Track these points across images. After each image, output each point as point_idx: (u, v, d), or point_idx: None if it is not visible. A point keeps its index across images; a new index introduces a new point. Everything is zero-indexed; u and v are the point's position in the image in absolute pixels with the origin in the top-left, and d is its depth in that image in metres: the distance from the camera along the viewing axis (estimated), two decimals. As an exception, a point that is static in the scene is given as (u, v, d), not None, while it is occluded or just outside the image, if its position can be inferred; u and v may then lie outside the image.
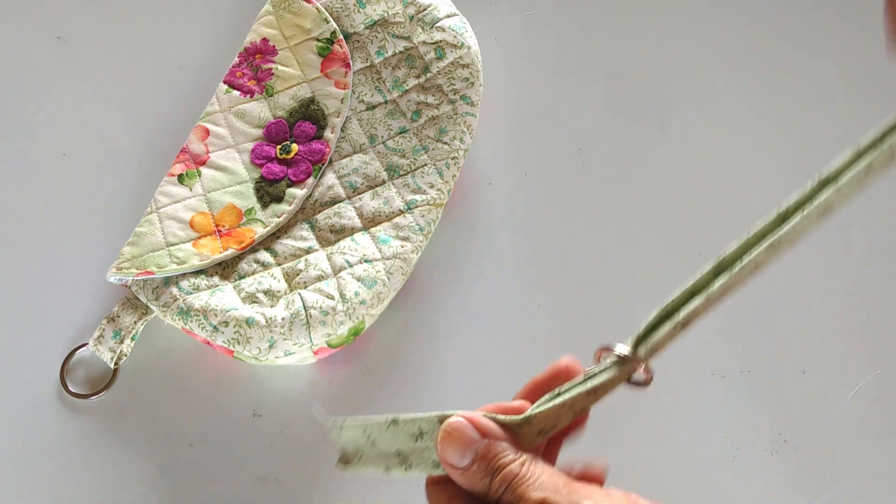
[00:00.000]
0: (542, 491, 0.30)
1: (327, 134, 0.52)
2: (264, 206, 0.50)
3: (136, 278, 0.47)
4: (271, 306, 0.47)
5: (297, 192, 0.51)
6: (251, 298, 0.47)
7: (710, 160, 0.57)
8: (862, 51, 0.60)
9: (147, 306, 0.48)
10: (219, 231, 0.49)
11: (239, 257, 0.49)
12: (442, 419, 0.33)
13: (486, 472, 0.31)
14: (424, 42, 0.54)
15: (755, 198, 0.56)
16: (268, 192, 0.51)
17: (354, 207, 0.51)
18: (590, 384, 0.33)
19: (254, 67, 0.54)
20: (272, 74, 0.54)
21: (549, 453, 0.37)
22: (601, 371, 0.33)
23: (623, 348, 0.33)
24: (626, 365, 0.33)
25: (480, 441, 0.32)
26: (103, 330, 0.48)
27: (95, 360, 0.50)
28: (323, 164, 0.52)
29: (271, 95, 0.53)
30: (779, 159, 0.57)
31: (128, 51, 0.58)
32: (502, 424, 0.33)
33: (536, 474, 0.31)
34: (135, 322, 0.48)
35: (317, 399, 0.50)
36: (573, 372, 0.35)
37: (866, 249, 0.55)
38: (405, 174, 0.52)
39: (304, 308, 0.46)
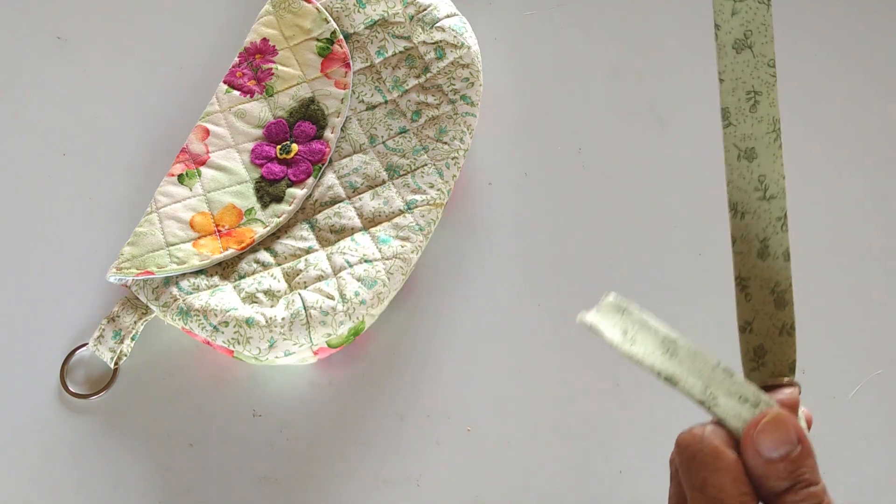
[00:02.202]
0: None
1: (327, 134, 0.52)
2: (264, 206, 0.50)
3: (136, 278, 0.47)
4: (271, 306, 0.47)
5: (297, 192, 0.51)
6: (251, 298, 0.47)
7: (710, 160, 0.57)
8: (862, 50, 0.60)
9: (147, 306, 0.48)
10: (219, 231, 0.49)
11: (239, 257, 0.49)
12: (756, 398, 0.32)
13: (788, 477, 0.31)
14: (424, 42, 0.54)
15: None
16: (268, 192, 0.51)
17: (354, 207, 0.51)
18: None
19: (254, 67, 0.54)
20: (272, 74, 0.54)
21: None
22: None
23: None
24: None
25: (796, 445, 0.31)
26: (103, 330, 0.48)
27: (95, 360, 0.50)
28: (323, 164, 0.52)
29: (271, 95, 0.53)
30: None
31: (128, 51, 0.58)
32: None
33: None
34: (135, 322, 0.48)
35: (317, 399, 0.50)
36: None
37: (866, 249, 0.55)
38: (405, 174, 0.52)
39: (304, 308, 0.46)
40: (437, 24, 0.54)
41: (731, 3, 0.34)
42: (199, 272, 0.48)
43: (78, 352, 0.50)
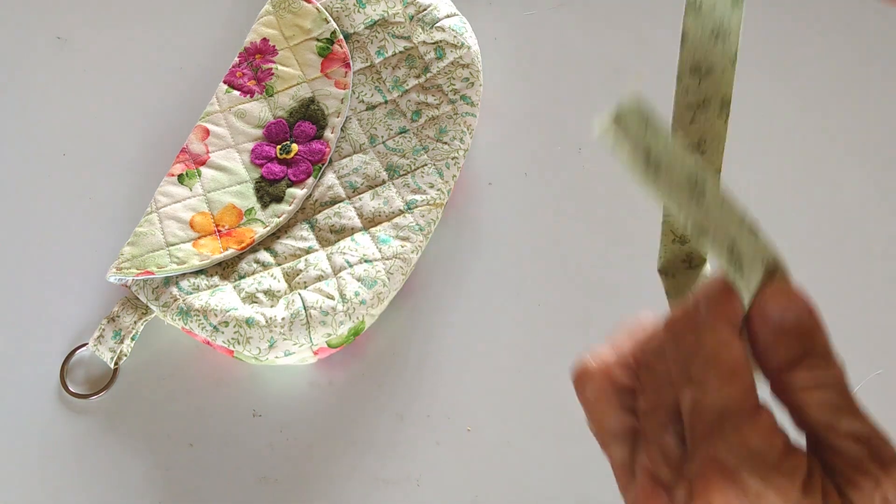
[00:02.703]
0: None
1: (327, 134, 0.52)
2: (264, 206, 0.50)
3: (136, 278, 0.47)
4: (271, 306, 0.47)
5: (297, 192, 0.51)
6: (251, 298, 0.47)
7: (710, 160, 0.57)
8: (862, 50, 0.60)
9: (147, 306, 0.48)
10: (219, 231, 0.49)
11: (239, 257, 0.49)
12: (774, 265, 0.27)
13: (800, 346, 0.27)
14: (424, 42, 0.54)
15: (754, 197, 0.55)
16: (268, 192, 0.51)
17: (354, 207, 0.51)
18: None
19: (254, 67, 0.54)
20: (272, 74, 0.54)
21: None
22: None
23: None
24: None
25: (809, 315, 0.27)
26: (103, 330, 0.48)
27: (95, 360, 0.50)
28: (323, 164, 0.52)
29: (271, 95, 0.53)
30: (778, 158, 0.57)
31: (128, 51, 0.58)
32: None
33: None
34: (135, 322, 0.48)
35: (317, 399, 0.50)
36: None
37: (866, 249, 0.55)
38: (405, 174, 0.52)
39: (304, 308, 0.46)
40: (437, 24, 0.54)
41: None
42: (199, 272, 0.48)
43: (78, 352, 0.50)
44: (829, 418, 0.27)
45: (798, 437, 0.27)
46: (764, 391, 0.28)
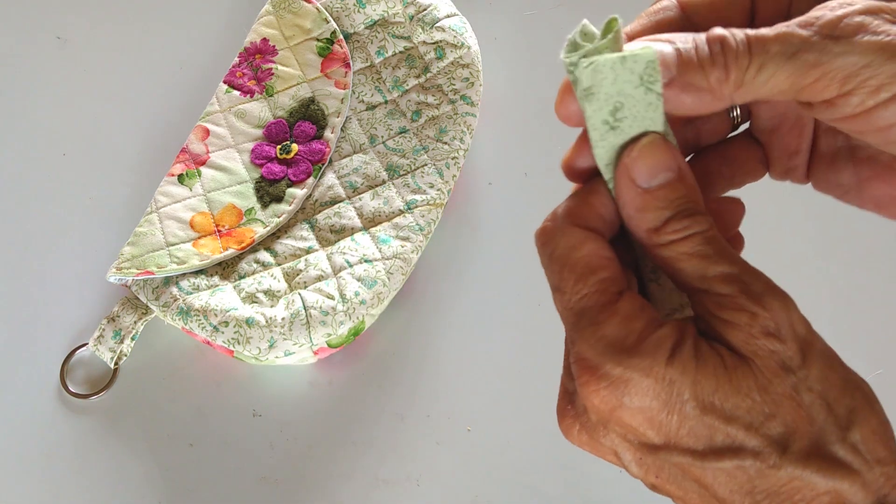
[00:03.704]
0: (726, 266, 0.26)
1: (327, 134, 0.52)
2: (264, 206, 0.50)
3: (136, 278, 0.47)
4: (271, 306, 0.47)
5: (297, 192, 0.51)
6: (251, 298, 0.47)
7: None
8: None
9: (147, 306, 0.48)
10: (219, 231, 0.49)
11: (239, 257, 0.49)
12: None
13: (669, 206, 0.27)
14: (424, 42, 0.54)
15: (754, 197, 0.55)
16: (268, 192, 0.51)
17: (354, 207, 0.51)
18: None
19: (254, 67, 0.54)
20: (272, 74, 0.54)
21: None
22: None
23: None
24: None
25: (676, 172, 0.27)
26: (103, 330, 0.48)
27: (95, 360, 0.50)
28: (323, 164, 0.52)
29: (271, 95, 0.53)
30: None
31: (128, 51, 0.58)
32: None
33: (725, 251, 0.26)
34: (135, 322, 0.48)
35: (317, 399, 0.50)
36: None
37: (866, 249, 0.55)
38: (405, 174, 0.52)
39: (304, 308, 0.46)
40: (437, 24, 0.54)
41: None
42: (199, 272, 0.48)
43: (78, 352, 0.50)
44: (700, 267, 0.27)
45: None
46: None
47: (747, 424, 0.25)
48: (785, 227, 0.55)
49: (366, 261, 0.48)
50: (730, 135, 0.33)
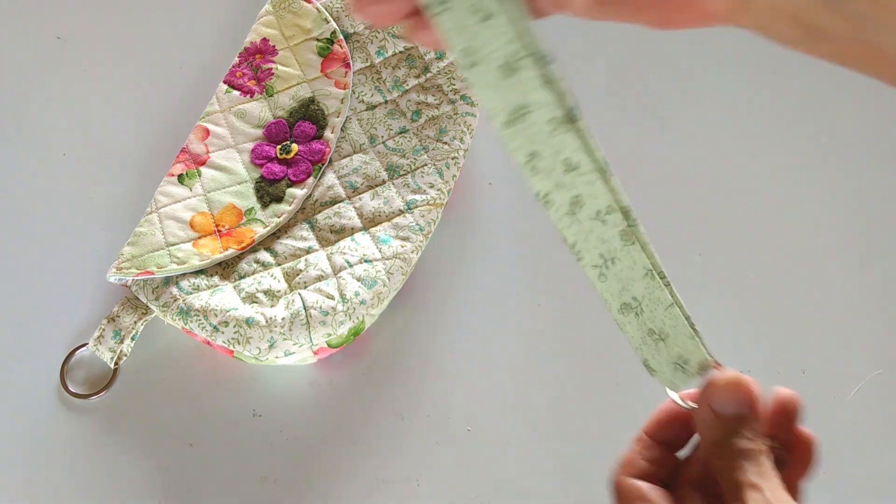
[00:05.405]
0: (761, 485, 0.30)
1: (327, 134, 0.52)
2: (264, 206, 0.50)
3: (136, 278, 0.47)
4: (271, 306, 0.47)
5: (297, 192, 0.51)
6: (251, 298, 0.47)
7: (710, 160, 0.57)
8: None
9: (147, 306, 0.48)
10: (219, 231, 0.49)
11: (239, 257, 0.49)
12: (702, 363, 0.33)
13: (734, 428, 0.32)
14: (424, 42, 0.54)
15: (754, 197, 0.56)
16: (268, 192, 0.51)
17: (354, 207, 0.51)
18: None
19: (254, 67, 0.54)
20: (272, 74, 0.54)
21: None
22: None
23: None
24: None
25: (748, 410, 0.32)
26: (103, 330, 0.48)
27: (95, 360, 0.50)
28: (323, 164, 0.52)
29: (271, 95, 0.53)
30: (778, 158, 0.57)
31: (128, 51, 0.58)
32: None
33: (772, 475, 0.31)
34: (135, 322, 0.48)
35: (317, 399, 0.50)
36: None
37: (866, 249, 0.55)
38: (405, 174, 0.52)
39: (304, 308, 0.46)
40: (437, 24, 0.54)
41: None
42: (199, 272, 0.48)
43: (78, 352, 0.50)
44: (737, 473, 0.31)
45: None
46: None
47: None
48: (786, 227, 0.55)
49: (366, 261, 0.48)
50: None
